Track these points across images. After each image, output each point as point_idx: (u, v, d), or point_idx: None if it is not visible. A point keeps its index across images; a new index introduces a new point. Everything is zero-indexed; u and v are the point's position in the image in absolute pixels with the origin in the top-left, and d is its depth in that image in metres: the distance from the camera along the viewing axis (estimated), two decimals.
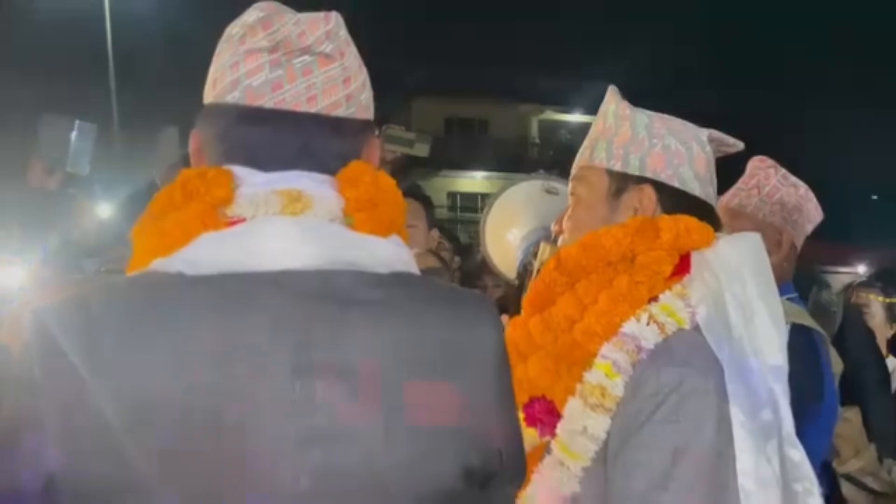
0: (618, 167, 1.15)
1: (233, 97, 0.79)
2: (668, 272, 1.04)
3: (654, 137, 1.14)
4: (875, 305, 2.74)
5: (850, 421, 1.92)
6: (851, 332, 2.08)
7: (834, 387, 1.75)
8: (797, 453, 0.93)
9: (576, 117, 24.14)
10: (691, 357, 0.96)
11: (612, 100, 1.21)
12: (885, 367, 2.31)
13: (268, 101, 0.78)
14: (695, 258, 1.06)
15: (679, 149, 1.13)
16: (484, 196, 25.35)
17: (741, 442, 0.89)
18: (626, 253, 1.07)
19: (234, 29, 0.82)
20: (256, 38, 0.79)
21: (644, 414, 0.94)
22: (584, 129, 1.51)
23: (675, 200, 1.12)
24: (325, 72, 0.80)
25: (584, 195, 1.19)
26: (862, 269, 6.96)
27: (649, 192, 1.12)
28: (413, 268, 0.79)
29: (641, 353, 0.98)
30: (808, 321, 1.74)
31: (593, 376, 0.99)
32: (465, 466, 0.71)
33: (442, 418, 0.71)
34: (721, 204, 1.84)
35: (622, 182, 1.14)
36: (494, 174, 24.71)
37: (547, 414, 1.01)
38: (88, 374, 0.65)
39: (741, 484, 0.88)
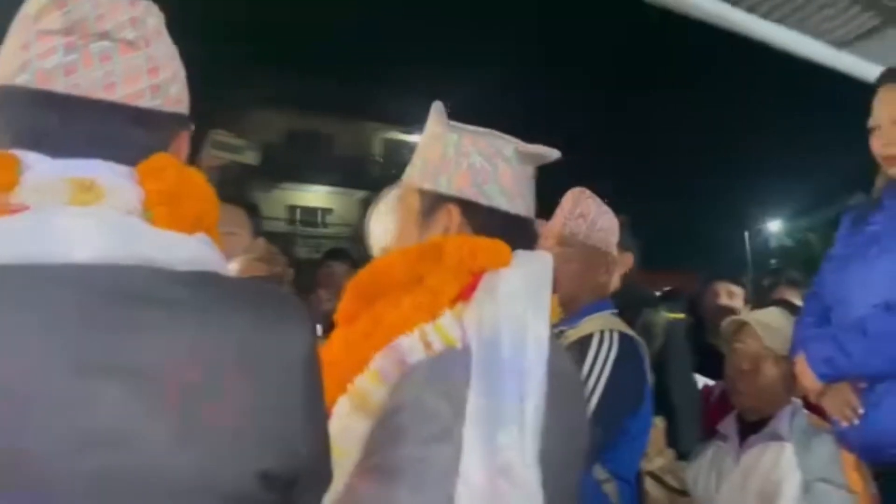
0: (428, 187, 1.16)
1: (22, 79, 0.73)
2: (454, 293, 1.06)
3: (461, 156, 1.15)
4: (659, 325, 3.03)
5: (656, 426, 2.07)
6: (670, 347, 2.25)
7: (650, 390, 1.90)
8: (532, 475, 0.93)
9: (419, 138, 24.47)
10: (444, 378, 0.97)
11: (433, 117, 1.22)
12: (692, 379, 2.53)
13: (60, 86, 0.73)
14: (485, 279, 1.07)
15: (484, 165, 1.14)
16: (325, 211, 25.13)
17: (478, 459, 0.90)
18: (413, 275, 1.09)
19: (29, 7, 0.76)
20: (51, 18, 0.74)
21: (386, 424, 0.96)
22: None
23: (482, 217, 1.13)
24: (127, 59, 0.76)
25: (401, 215, 1.21)
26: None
27: (455, 212, 1.14)
28: (220, 268, 0.75)
29: (405, 367, 1.00)
30: (629, 331, 1.88)
31: (361, 381, 1.01)
32: (264, 471, 0.68)
33: (239, 421, 0.68)
34: (554, 231, 1.97)
35: (433, 202, 1.15)
36: (336, 189, 24.56)
37: None
38: None
39: (471, 497, 0.89)
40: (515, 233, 1.14)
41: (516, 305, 1.02)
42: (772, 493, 1.84)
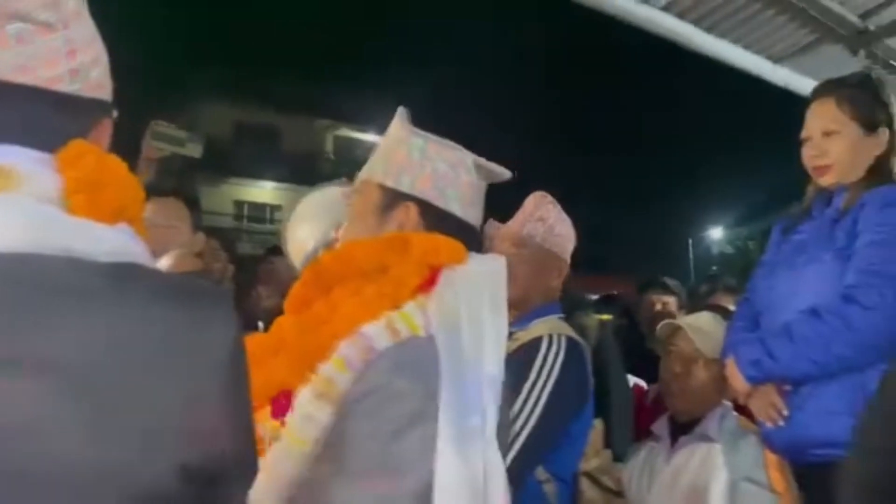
0: (390, 184, 1.22)
1: None
2: (415, 284, 1.11)
3: (425, 160, 1.22)
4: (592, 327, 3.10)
5: (595, 427, 2.11)
6: (603, 351, 2.29)
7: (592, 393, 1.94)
8: (496, 456, 1.01)
9: (371, 137, 24.47)
10: (413, 362, 1.02)
11: (397, 122, 1.28)
12: (627, 382, 2.57)
13: None
14: (444, 274, 1.13)
15: (447, 172, 1.22)
16: (273, 207, 24.77)
17: (445, 444, 0.96)
18: (378, 264, 1.14)
19: None
20: None
21: (354, 408, 0.99)
22: None
23: (437, 219, 1.20)
24: (46, 42, 0.74)
25: (358, 207, 1.26)
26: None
27: (413, 210, 1.19)
28: (142, 260, 0.74)
29: (372, 354, 1.03)
30: (576, 335, 1.91)
31: (326, 368, 1.03)
32: (184, 466, 0.67)
33: (157, 416, 0.67)
34: (512, 232, 2.00)
35: (393, 198, 1.21)
36: (285, 185, 24.23)
37: (289, 407, 1.04)
38: None
39: (447, 478, 0.95)
40: (466, 238, 1.20)
41: (475, 300, 1.10)
42: (700, 493, 1.88)
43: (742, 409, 1.99)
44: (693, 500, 1.89)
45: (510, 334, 1.89)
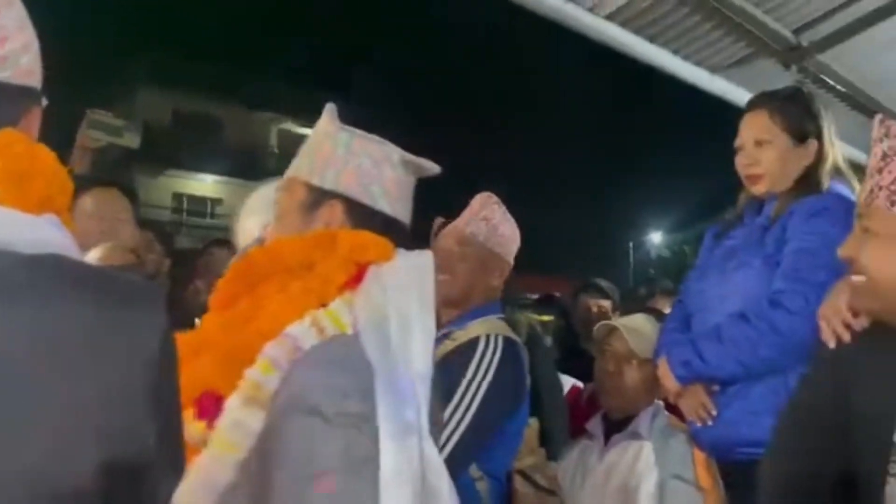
0: (315, 181, 1.21)
1: None
2: (342, 281, 1.10)
3: (350, 156, 1.20)
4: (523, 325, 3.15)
5: (530, 426, 2.14)
6: (535, 350, 2.32)
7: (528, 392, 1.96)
8: (432, 449, 1.01)
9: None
10: (341, 359, 1.02)
11: (325, 117, 1.26)
12: (559, 381, 2.62)
13: None
14: (371, 271, 1.12)
15: (371, 168, 1.20)
16: (214, 201, 24.24)
17: (385, 440, 0.95)
18: (304, 261, 1.13)
19: None
20: None
21: (285, 407, 0.98)
22: None
23: (363, 216, 1.19)
24: None
25: (284, 205, 1.25)
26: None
27: (339, 208, 1.18)
28: (68, 252, 0.71)
29: (298, 353, 1.02)
30: (514, 335, 1.93)
31: (252, 372, 1.01)
32: (105, 464, 0.65)
33: (78, 414, 0.64)
34: (457, 230, 2.01)
35: (318, 196, 1.20)
36: (227, 179, 23.71)
37: (215, 408, 1.02)
38: None
39: (391, 473, 0.94)
40: (393, 234, 1.19)
41: (403, 296, 1.09)
42: (631, 490, 1.93)
43: (673, 409, 2.05)
44: (624, 498, 1.94)
45: (449, 333, 1.91)
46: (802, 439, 1.33)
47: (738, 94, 3.31)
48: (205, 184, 24.31)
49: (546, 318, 3.31)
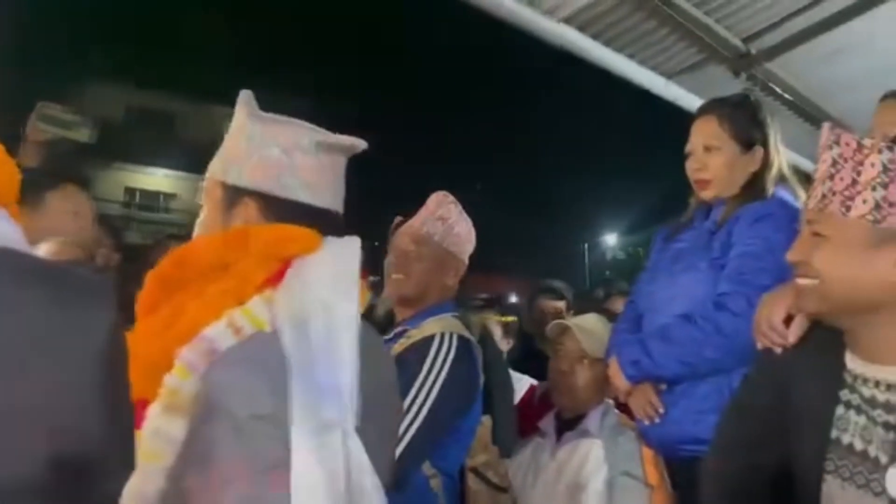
0: (228, 179, 1.15)
1: None
2: (260, 279, 1.05)
3: (257, 148, 1.14)
4: (493, 324, 3.19)
5: (483, 424, 2.16)
6: (487, 348, 2.34)
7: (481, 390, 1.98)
8: (357, 445, 0.98)
9: None
10: (256, 359, 0.98)
11: (238, 108, 1.19)
12: (511, 379, 2.65)
13: None
14: (295, 265, 1.08)
15: (281, 158, 1.13)
16: (167, 196, 23.77)
17: (299, 440, 0.92)
18: (217, 263, 1.08)
19: None
20: None
21: (199, 411, 0.95)
22: None
23: (280, 210, 1.13)
24: None
25: (206, 208, 1.20)
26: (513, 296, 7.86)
27: (251, 205, 1.13)
28: (16, 245, 0.70)
29: (214, 355, 0.99)
30: (468, 334, 1.94)
31: (170, 378, 0.99)
32: (51, 460, 0.64)
33: (30, 410, 0.64)
34: (412, 229, 2.01)
35: (233, 195, 1.15)
36: (180, 174, 23.26)
37: (143, 417, 0.99)
38: None
39: (304, 474, 0.91)
40: (320, 224, 1.13)
41: (325, 289, 1.04)
42: (581, 487, 1.97)
43: (623, 407, 2.09)
44: (574, 494, 1.97)
45: (404, 331, 1.92)
46: (743, 437, 1.37)
47: (690, 100, 3.39)
48: (157, 178, 23.81)
49: (509, 319, 3.34)
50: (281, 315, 1.01)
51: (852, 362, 1.22)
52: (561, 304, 3.56)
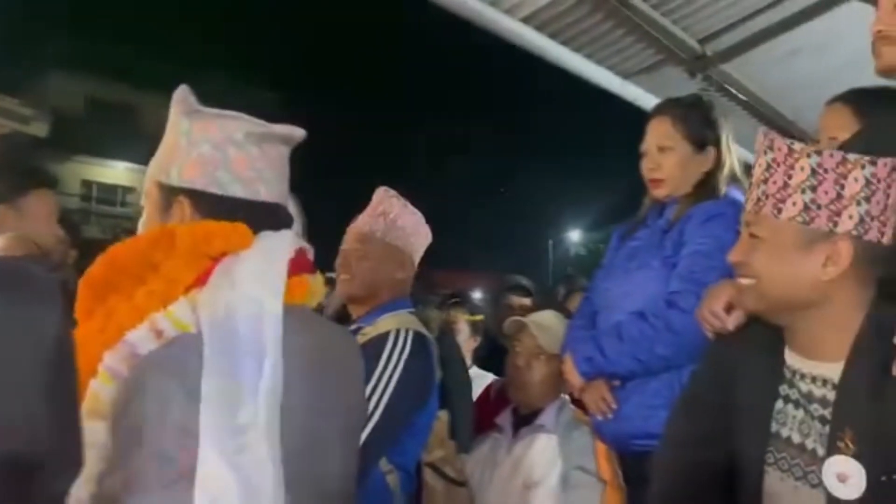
0: (164, 179, 1.13)
1: None
2: (189, 280, 1.04)
3: (190, 145, 1.12)
4: (462, 322, 3.22)
5: (439, 419, 2.17)
6: (444, 344, 2.36)
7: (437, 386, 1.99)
8: (260, 446, 0.94)
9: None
10: (172, 364, 0.97)
11: (173, 104, 1.17)
12: (468, 375, 2.68)
13: None
14: (223, 262, 1.06)
15: (214, 154, 1.11)
16: (126, 189, 23.28)
17: (207, 443, 0.91)
18: (143, 264, 1.06)
19: None
20: None
21: (114, 418, 0.94)
22: None
23: (214, 207, 1.10)
24: None
25: (146, 209, 1.17)
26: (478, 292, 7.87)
27: (185, 204, 1.11)
28: None
29: (136, 360, 0.98)
30: (424, 330, 1.95)
31: (93, 383, 0.97)
32: (1, 460, 0.64)
33: None
34: (357, 228, 2.01)
35: (168, 195, 1.12)
36: (140, 167, 22.79)
37: None
38: None
39: (216, 479, 0.90)
40: (257, 218, 1.11)
41: (252, 286, 1.02)
42: (536, 481, 2.00)
43: (579, 402, 2.13)
44: (528, 489, 2.00)
45: (358, 329, 1.92)
46: (691, 432, 1.40)
47: (648, 100, 3.43)
48: (116, 171, 23.28)
49: (478, 317, 3.36)
50: (204, 315, 0.99)
51: (791, 358, 1.26)
52: (528, 301, 3.60)
